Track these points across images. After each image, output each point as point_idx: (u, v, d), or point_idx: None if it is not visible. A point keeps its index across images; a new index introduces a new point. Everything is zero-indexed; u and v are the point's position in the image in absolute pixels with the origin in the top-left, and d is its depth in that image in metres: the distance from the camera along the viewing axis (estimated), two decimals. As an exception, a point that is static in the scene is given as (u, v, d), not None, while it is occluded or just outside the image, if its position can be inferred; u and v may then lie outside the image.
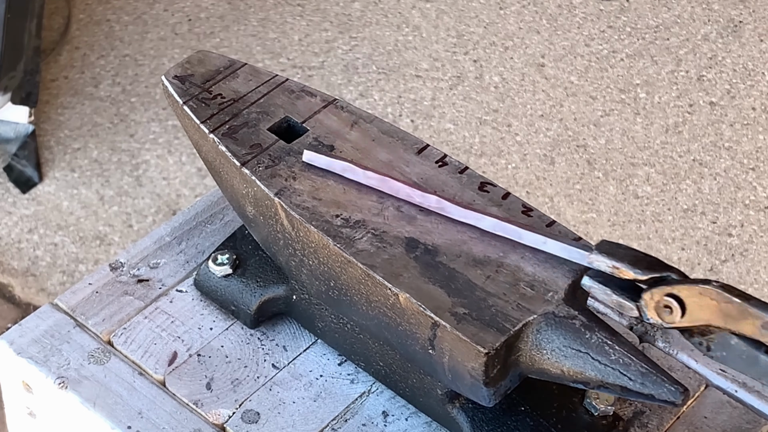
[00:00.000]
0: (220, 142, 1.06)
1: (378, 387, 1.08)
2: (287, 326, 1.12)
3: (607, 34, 2.77)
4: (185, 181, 2.42)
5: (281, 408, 1.06)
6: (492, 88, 2.63)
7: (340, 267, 1.00)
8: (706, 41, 2.75)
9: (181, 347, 1.10)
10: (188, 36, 2.71)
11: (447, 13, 2.79)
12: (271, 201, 1.03)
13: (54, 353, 1.09)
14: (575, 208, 2.41)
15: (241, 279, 1.11)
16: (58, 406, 1.09)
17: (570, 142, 2.53)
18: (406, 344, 1.00)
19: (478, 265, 0.98)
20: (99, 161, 2.45)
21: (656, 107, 2.61)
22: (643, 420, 1.06)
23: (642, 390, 0.93)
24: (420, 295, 0.96)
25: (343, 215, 1.01)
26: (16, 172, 2.40)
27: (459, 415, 1.03)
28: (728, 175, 2.48)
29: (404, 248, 0.99)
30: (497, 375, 0.96)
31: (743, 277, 2.31)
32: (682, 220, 2.40)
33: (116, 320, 1.12)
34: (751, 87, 2.66)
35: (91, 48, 2.67)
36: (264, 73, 1.12)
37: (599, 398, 1.03)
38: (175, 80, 1.10)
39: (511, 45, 2.73)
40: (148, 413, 1.05)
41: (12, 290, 2.26)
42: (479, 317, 0.95)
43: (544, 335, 0.95)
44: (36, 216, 2.35)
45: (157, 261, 1.17)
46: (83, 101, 2.56)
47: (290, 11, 2.79)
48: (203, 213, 1.21)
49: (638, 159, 2.51)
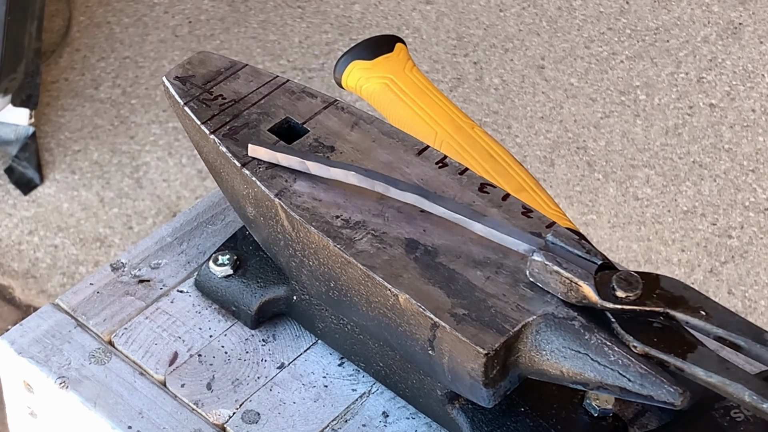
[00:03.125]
0: (220, 143, 1.06)
1: (378, 387, 1.09)
2: (288, 327, 1.12)
3: (607, 36, 2.77)
4: (185, 183, 2.42)
5: (281, 408, 1.07)
6: (492, 90, 2.64)
7: (340, 268, 1.00)
8: (706, 43, 2.76)
9: (182, 347, 1.10)
10: (188, 38, 2.71)
11: (447, 15, 2.80)
12: (271, 202, 1.03)
13: (55, 353, 1.09)
14: (575, 209, 2.41)
15: (241, 279, 1.11)
16: (58, 405, 1.09)
17: (570, 144, 2.53)
18: (405, 345, 1.00)
19: (477, 266, 0.98)
20: (99, 163, 2.45)
21: (656, 109, 2.61)
22: (643, 421, 1.06)
23: (641, 391, 0.93)
24: (420, 295, 0.96)
25: (343, 216, 1.01)
26: (17, 174, 2.40)
27: (459, 415, 1.03)
28: (728, 177, 2.49)
29: (404, 249, 1.00)
30: (497, 376, 0.96)
31: (743, 279, 2.31)
32: (682, 221, 2.41)
33: (117, 320, 1.12)
34: (751, 89, 2.66)
35: (91, 50, 2.67)
36: (265, 74, 1.12)
37: (599, 399, 1.03)
38: (176, 81, 1.10)
39: (511, 47, 2.73)
40: (148, 413, 1.06)
41: (12, 292, 2.26)
42: (479, 318, 0.95)
43: (543, 336, 0.95)
44: (36, 218, 2.36)
45: (158, 261, 1.17)
46: (84, 103, 2.57)
47: (290, 13, 2.79)
48: (204, 214, 1.21)
49: (638, 161, 2.51)
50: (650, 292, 0.93)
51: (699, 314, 0.92)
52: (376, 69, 1.25)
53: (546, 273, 0.95)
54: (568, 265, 0.94)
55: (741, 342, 0.91)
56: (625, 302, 0.93)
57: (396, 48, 1.27)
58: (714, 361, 0.91)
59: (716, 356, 0.91)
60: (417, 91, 1.24)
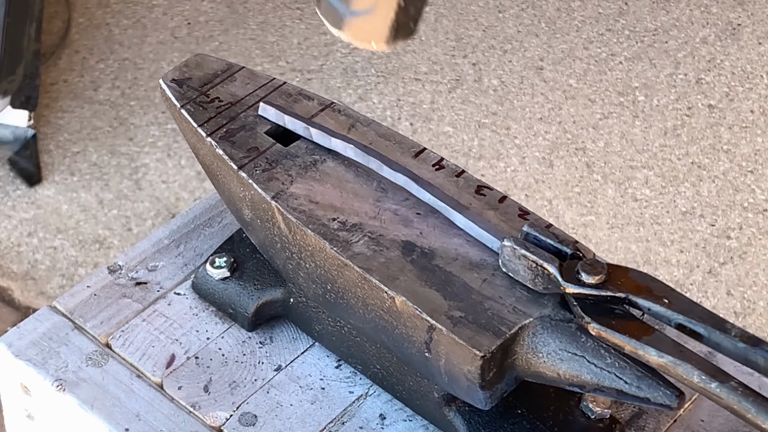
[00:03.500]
0: (217, 146, 1.06)
1: (375, 390, 1.09)
2: (285, 329, 1.12)
3: (605, 37, 2.77)
4: (184, 184, 2.42)
5: (278, 411, 1.07)
6: (491, 91, 2.64)
7: (337, 270, 1.00)
8: (705, 44, 2.76)
9: (179, 350, 1.10)
10: (187, 39, 2.71)
11: (446, 17, 2.80)
12: (268, 204, 1.03)
13: (52, 356, 1.09)
14: (574, 211, 2.41)
15: (238, 282, 1.11)
16: (56, 408, 1.09)
17: (569, 145, 2.53)
18: (402, 347, 1.00)
19: (474, 268, 0.98)
20: (98, 165, 2.45)
21: (655, 110, 2.61)
22: (640, 423, 1.06)
23: (638, 393, 0.93)
24: (416, 298, 0.96)
25: (339, 219, 1.02)
26: (18, 168, 2.40)
27: (456, 417, 1.03)
28: (727, 178, 2.49)
29: (401, 252, 1.00)
30: (493, 378, 0.96)
31: (742, 280, 2.31)
32: (680, 222, 2.41)
33: (114, 323, 1.12)
34: (750, 90, 2.66)
35: (90, 52, 2.67)
36: (261, 77, 1.12)
37: (596, 401, 1.03)
38: (172, 84, 1.10)
39: (510, 48, 2.73)
40: (145, 416, 1.06)
41: (11, 293, 2.26)
42: (475, 320, 0.95)
43: (539, 338, 0.95)
44: (35, 219, 2.36)
45: (155, 264, 1.17)
46: (83, 105, 2.57)
47: (289, 15, 2.79)
48: (201, 216, 1.21)
49: (637, 162, 2.51)
50: (615, 280, 0.94)
51: (661, 301, 0.93)
52: None
53: (515, 259, 0.96)
54: (535, 250, 0.95)
55: (701, 329, 0.92)
56: (589, 286, 0.94)
57: None
58: (668, 344, 0.91)
59: (671, 340, 0.92)
60: None
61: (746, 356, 0.90)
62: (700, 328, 0.92)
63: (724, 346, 0.91)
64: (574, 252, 0.96)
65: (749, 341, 0.90)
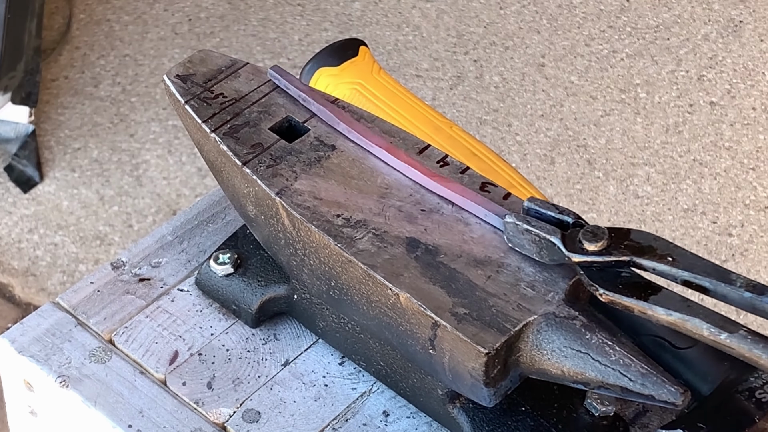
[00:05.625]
0: (221, 142, 1.06)
1: (379, 387, 1.08)
2: (288, 326, 1.12)
3: (607, 33, 2.77)
4: (185, 181, 2.42)
5: (282, 407, 1.06)
6: (492, 88, 2.64)
7: (341, 267, 1.00)
8: (707, 41, 2.75)
9: (183, 346, 1.10)
10: (188, 36, 2.71)
11: (447, 13, 2.79)
12: (272, 200, 1.03)
13: (55, 352, 1.09)
14: (575, 207, 2.41)
15: (242, 278, 1.11)
16: (59, 404, 1.09)
17: (570, 142, 2.53)
18: (406, 344, 1.00)
19: (478, 265, 0.98)
20: (99, 161, 2.45)
21: (656, 107, 2.61)
22: (644, 421, 1.06)
23: (642, 391, 0.93)
24: (420, 295, 0.96)
25: (344, 215, 1.01)
26: (16, 172, 2.40)
27: (459, 415, 1.03)
28: (728, 175, 2.49)
29: (405, 248, 0.99)
30: (497, 375, 0.96)
31: (743, 277, 2.31)
32: (682, 219, 2.41)
33: (117, 319, 1.12)
34: (752, 87, 2.66)
35: (91, 48, 2.67)
36: (266, 73, 1.12)
37: (600, 399, 1.03)
38: (176, 79, 1.10)
39: (512, 45, 2.73)
40: (149, 412, 1.06)
41: (12, 290, 2.26)
42: (480, 317, 0.95)
43: (544, 336, 0.95)
44: (36, 216, 2.35)
45: (158, 260, 1.17)
46: (83, 101, 2.56)
47: (290, 11, 2.79)
48: (205, 212, 1.21)
49: (638, 159, 2.51)
50: (618, 243, 0.95)
51: (666, 260, 0.94)
52: (344, 75, 1.24)
53: (519, 234, 0.97)
54: (537, 223, 0.96)
55: (707, 283, 0.92)
56: (592, 253, 0.94)
57: (360, 52, 1.26)
58: (676, 300, 0.92)
59: (678, 297, 0.93)
60: (389, 94, 1.23)
61: (753, 305, 0.91)
62: (705, 282, 0.93)
63: (731, 298, 0.92)
64: (576, 220, 0.97)
65: (755, 290, 0.91)
